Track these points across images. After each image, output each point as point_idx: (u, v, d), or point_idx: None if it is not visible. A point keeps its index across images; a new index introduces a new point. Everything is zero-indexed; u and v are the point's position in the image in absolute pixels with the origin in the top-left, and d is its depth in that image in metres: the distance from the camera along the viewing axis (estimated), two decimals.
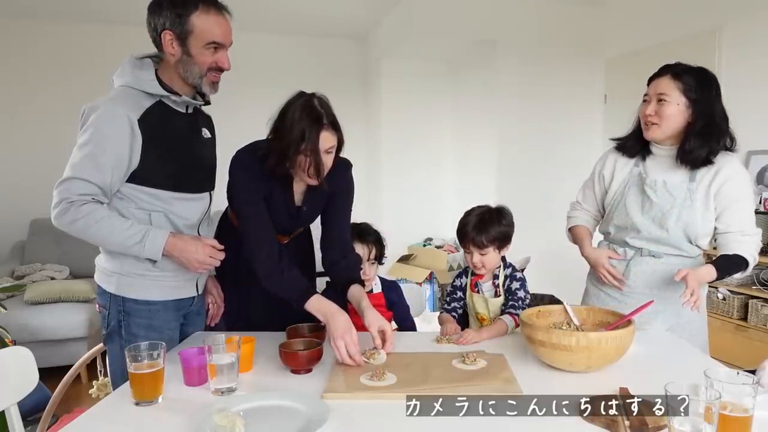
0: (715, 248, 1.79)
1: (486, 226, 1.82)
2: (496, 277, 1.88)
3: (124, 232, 1.45)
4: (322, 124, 1.56)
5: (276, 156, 1.61)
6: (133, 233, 1.46)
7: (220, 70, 1.56)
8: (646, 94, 1.74)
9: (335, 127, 1.61)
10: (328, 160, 1.63)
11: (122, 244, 1.47)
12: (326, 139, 1.59)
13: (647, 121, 1.72)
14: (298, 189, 1.78)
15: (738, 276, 1.76)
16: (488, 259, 1.83)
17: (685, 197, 1.71)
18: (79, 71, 4.60)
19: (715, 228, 1.74)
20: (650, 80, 1.75)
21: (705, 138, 1.66)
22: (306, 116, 1.55)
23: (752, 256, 1.70)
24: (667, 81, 1.69)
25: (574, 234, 1.98)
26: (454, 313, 1.89)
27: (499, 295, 1.86)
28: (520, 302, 1.81)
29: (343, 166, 1.80)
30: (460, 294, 1.92)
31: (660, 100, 1.68)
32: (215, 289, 1.86)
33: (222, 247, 1.58)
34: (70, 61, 4.68)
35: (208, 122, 1.75)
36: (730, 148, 1.72)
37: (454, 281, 1.95)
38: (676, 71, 1.69)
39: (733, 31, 3.43)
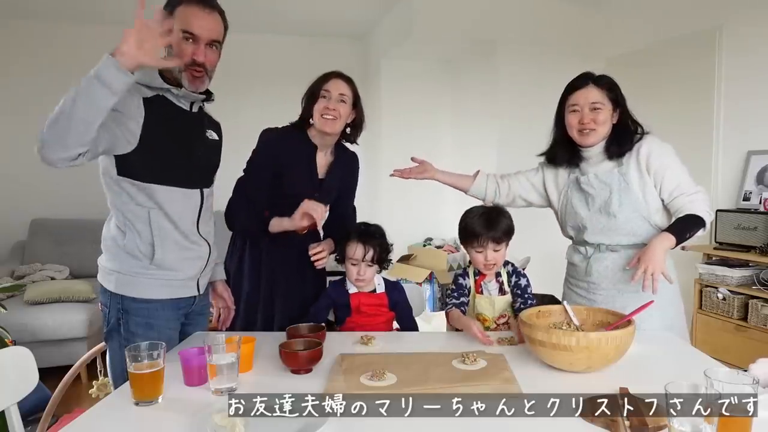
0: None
1: (496, 221, 1.83)
2: (498, 275, 1.88)
3: (74, 89, 1.35)
4: (332, 72, 1.93)
5: (303, 109, 1.94)
6: (81, 83, 1.36)
7: (196, 63, 1.56)
8: (574, 105, 1.81)
9: (349, 81, 1.94)
10: (341, 108, 1.90)
11: (83, 96, 1.35)
12: (338, 84, 1.91)
13: (585, 128, 1.80)
14: (322, 162, 2.00)
15: (699, 235, 1.75)
16: (500, 255, 1.84)
17: (619, 181, 1.80)
18: (80, 72, 4.50)
19: (663, 201, 1.79)
20: (571, 91, 1.83)
21: (628, 130, 1.82)
22: (324, 73, 1.95)
23: (706, 212, 1.71)
24: (595, 90, 1.79)
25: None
26: (463, 308, 1.84)
27: (505, 293, 1.86)
28: (532, 298, 1.85)
29: (356, 159, 2.16)
30: (465, 291, 1.88)
31: (594, 109, 1.78)
32: (226, 293, 1.87)
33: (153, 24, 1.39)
34: (72, 61, 4.64)
35: (217, 127, 1.78)
36: (641, 133, 1.83)
37: (457, 280, 1.90)
38: (595, 79, 1.81)
39: (733, 31, 3.42)
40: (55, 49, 4.65)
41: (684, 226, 1.70)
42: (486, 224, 1.82)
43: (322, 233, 2.11)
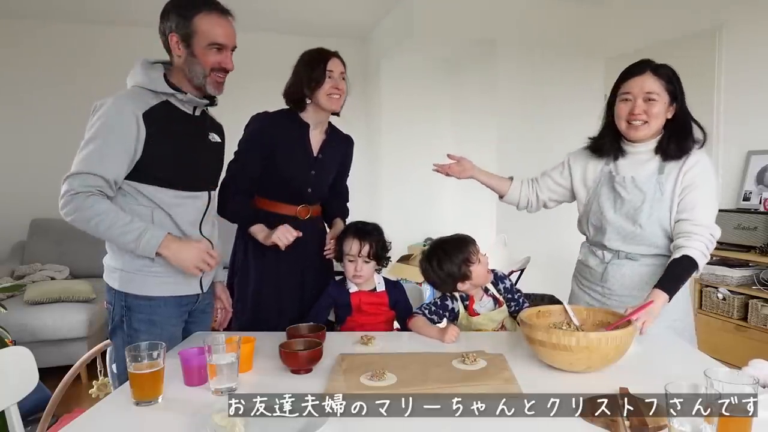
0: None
1: (462, 238, 1.81)
2: (486, 289, 1.84)
3: (122, 227, 1.47)
4: (330, 52, 1.98)
5: (296, 92, 1.96)
6: (130, 229, 1.47)
7: (224, 70, 1.60)
8: (627, 93, 1.68)
9: (341, 59, 2.00)
10: (343, 85, 1.97)
11: (119, 239, 1.49)
12: (337, 64, 1.97)
13: (636, 119, 1.67)
14: (315, 140, 2.04)
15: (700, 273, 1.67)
16: (481, 270, 1.78)
17: (654, 190, 1.69)
18: (80, 72, 4.61)
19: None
20: (626, 77, 1.69)
21: (686, 130, 1.67)
22: (317, 53, 1.97)
23: (702, 254, 1.59)
24: (652, 79, 1.64)
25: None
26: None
27: (501, 304, 1.83)
28: (520, 293, 1.87)
29: (350, 140, 2.20)
30: (446, 314, 1.82)
31: (649, 100, 1.65)
32: (224, 295, 1.88)
33: (215, 253, 1.60)
34: (71, 61, 4.68)
35: (219, 129, 1.79)
36: (702, 142, 1.72)
37: (444, 299, 1.84)
38: (654, 67, 1.66)
39: (733, 30, 3.42)
40: (55, 48, 4.64)
41: (678, 278, 1.58)
42: (460, 245, 1.78)
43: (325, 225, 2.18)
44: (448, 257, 1.77)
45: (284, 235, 1.86)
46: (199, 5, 1.54)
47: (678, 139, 1.67)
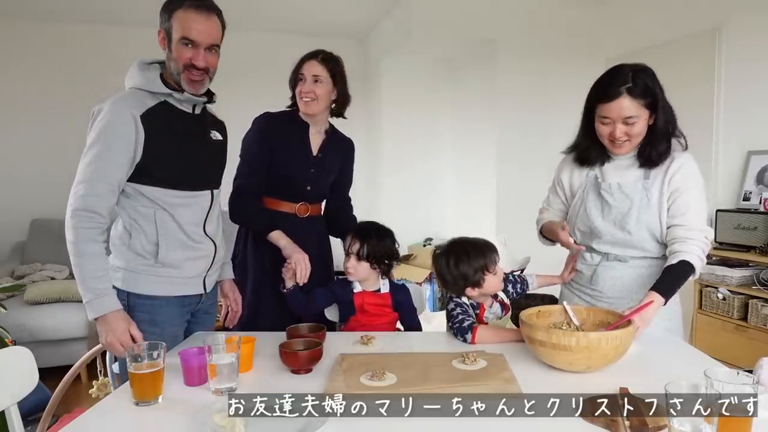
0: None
1: (482, 243, 1.74)
2: (496, 296, 1.79)
3: (87, 280, 1.47)
4: (306, 55, 1.98)
5: (291, 95, 2.01)
6: (91, 287, 1.47)
7: (196, 68, 1.57)
8: (605, 117, 1.63)
9: (325, 60, 1.98)
10: (316, 89, 1.95)
11: (81, 283, 1.48)
12: (311, 67, 1.96)
13: (618, 141, 1.65)
14: (315, 140, 2.06)
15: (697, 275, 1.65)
16: (495, 281, 1.72)
17: (641, 196, 1.69)
18: (80, 72, 4.61)
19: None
20: (603, 99, 1.63)
21: (665, 135, 1.67)
22: (303, 56, 1.99)
23: (698, 258, 1.60)
24: (628, 102, 1.60)
25: (545, 230, 1.90)
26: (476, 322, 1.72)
27: (508, 310, 1.80)
28: (519, 279, 1.88)
29: (351, 143, 2.21)
30: (469, 310, 1.72)
31: (628, 123, 1.62)
32: (231, 293, 1.88)
33: (137, 336, 1.51)
34: (71, 61, 4.68)
35: (221, 127, 1.79)
36: (680, 141, 1.70)
37: (453, 299, 1.73)
38: (629, 89, 1.60)
39: (733, 31, 3.42)
40: (55, 49, 4.65)
41: (674, 282, 1.59)
42: (483, 249, 1.71)
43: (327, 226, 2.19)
44: (467, 258, 1.68)
45: (302, 263, 1.83)
46: (180, 1, 1.54)
47: (658, 145, 1.66)
